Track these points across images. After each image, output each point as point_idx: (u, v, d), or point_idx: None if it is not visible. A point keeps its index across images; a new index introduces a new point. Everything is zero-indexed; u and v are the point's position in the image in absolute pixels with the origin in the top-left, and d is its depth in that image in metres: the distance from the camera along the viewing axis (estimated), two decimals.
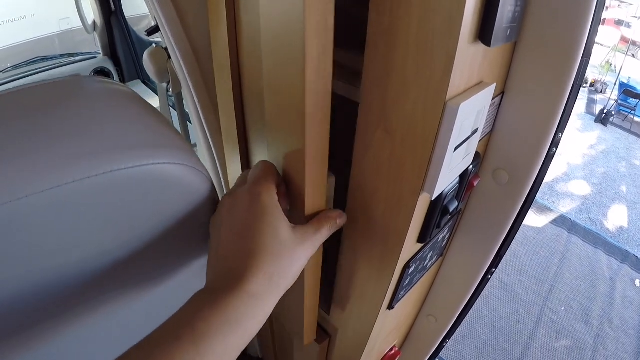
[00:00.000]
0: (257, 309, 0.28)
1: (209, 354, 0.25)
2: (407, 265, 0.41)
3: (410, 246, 0.39)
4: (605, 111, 5.90)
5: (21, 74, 1.73)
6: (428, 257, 0.46)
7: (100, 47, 1.88)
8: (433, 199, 0.32)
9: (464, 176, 0.37)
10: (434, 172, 0.30)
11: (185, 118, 1.07)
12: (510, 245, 0.47)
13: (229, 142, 0.52)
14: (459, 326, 0.63)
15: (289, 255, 0.31)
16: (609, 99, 6.45)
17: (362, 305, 0.49)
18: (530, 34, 0.32)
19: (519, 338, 2.30)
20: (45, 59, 1.84)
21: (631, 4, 9.19)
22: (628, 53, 7.80)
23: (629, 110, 5.92)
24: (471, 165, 0.36)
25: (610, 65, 8.02)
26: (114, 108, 0.34)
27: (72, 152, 0.27)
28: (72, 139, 0.28)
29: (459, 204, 0.38)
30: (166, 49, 0.88)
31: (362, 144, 0.36)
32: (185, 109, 1.01)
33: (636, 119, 5.88)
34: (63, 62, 1.81)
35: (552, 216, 3.46)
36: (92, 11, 1.78)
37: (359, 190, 0.39)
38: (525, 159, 0.38)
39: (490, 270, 0.51)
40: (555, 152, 0.37)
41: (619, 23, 9.23)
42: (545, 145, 0.36)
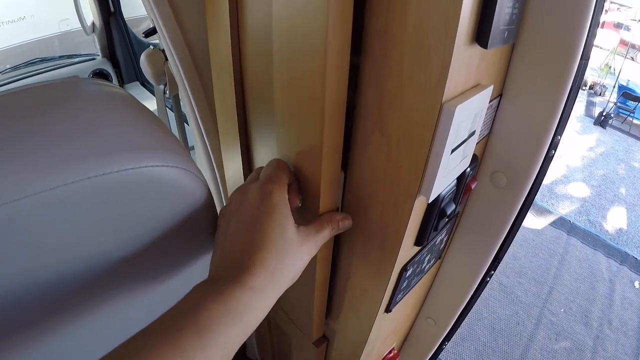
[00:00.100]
0: (259, 302, 0.29)
1: (211, 345, 0.25)
2: (405, 268, 0.41)
3: (407, 249, 0.38)
4: (604, 113, 5.90)
5: (20, 75, 1.72)
6: (426, 260, 0.46)
7: (99, 49, 1.88)
8: (430, 201, 0.32)
9: (461, 179, 0.37)
10: (431, 175, 0.30)
11: (183, 120, 1.07)
12: (509, 247, 0.47)
13: (227, 144, 0.52)
14: (458, 328, 0.63)
15: (293, 253, 0.31)
16: (608, 101, 6.47)
17: (360, 309, 0.48)
18: (528, 36, 0.32)
19: (519, 340, 2.29)
20: (44, 60, 1.83)
21: (630, 7, 9.23)
22: (627, 56, 7.83)
23: (628, 113, 5.94)
24: (469, 168, 0.36)
25: (610, 67, 8.04)
26: (109, 111, 0.34)
27: (66, 155, 0.27)
28: (66, 142, 0.28)
29: (456, 207, 0.38)
30: (163, 50, 0.88)
31: (359, 146, 0.35)
32: (183, 110, 1.00)
33: (635, 122, 5.89)
34: (62, 64, 1.80)
35: (552, 218, 3.46)
36: (91, 12, 1.78)
37: (355, 192, 0.39)
38: (523, 162, 0.38)
39: (489, 273, 0.51)
40: (553, 155, 0.37)
41: (618, 26, 9.26)
42: (544, 147, 0.35)
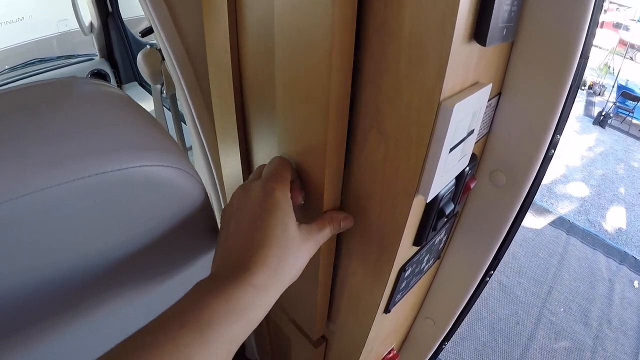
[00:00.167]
0: (260, 300, 0.29)
1: (212, 343, 0.25)
2: (403, 269, 0.40)
3: (405, 249, 0.38)
4: (603, 113, 5.91)
5: (18, 75, 1.72)
6: (424, 260, 0.45)
7: (97, 49, 1.87)
8: (428, 201, 0.32)
9: (460, 178, 0.36)
10: (429, 174, 0.29)
11: (180, 119, 1.06)
12: (508, 247, 0.46)
13: (224, 143, 0.51)
14: (458, 328, 0.62)
15: (295, 251, 0.31)
16: (607, 101, 6.47)
17: (358, 309, 0.48)
18: (527, 34, 0.31)
19: (518, 339, 2.29)
20: (42, 60, 1.83)
21: (630, 7, 9.24)
22: (626, 56, 7.83)
23: (627, 113, 5.94)
24: (467, 167, 0.36)
25: (609, 67, 8.04)
26: (105, 110, 0.34)
27: (61, 154, 0.27)
28: (61, 141, 0.28)
29: (455, 206, 0.38)
30: (160, 50, 0.88)
31: (356, 145, 0.35)
32: (180, 110, 1.00)
33: (634, 121, 5.89)
34: (60, 64, 1.80)
35: (551, 218, 3.46)
36: (89, 13, 1.77)
37: (353, 192, 0.38)
38: (523, 161, 0.37)
39: (488, 273, 0.50)
40: (553, 154, 0.37)
41: (618, 26, 9.27)
42: (543, 147, 0.35)
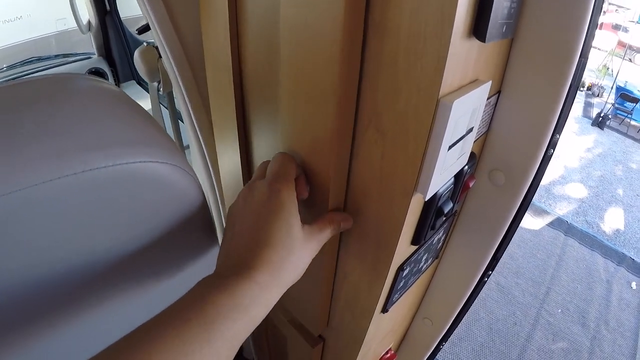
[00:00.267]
0: (264, 298, 0.29)
1: (217, 338, 0.25)
2: (401, 268, 0.40)
3: (403, 248, 0.38)
4: (602, 114, 5.92)
5: (16, 74, 1.72)
6: (423, 260, 0.45)
7: (95, 48, 1.87)
8: (426, 199, 0.32)
9: (459, 177, 0.36)
10: (427, 172, 0.29)
11: (177, 117, 1.06)
12: (507, 247, 0.46)
13: (222, 140, 0.51)
14: (456, 328, 0.62)
15: (298, 251, 0.32)
16: (606, 102, 6.48)
17: (356, 309, 0.48)
18: (527, 32, 0.31)
19: (516, 340, 2.29)
20: (40, 59, 1.83)
21: (629, 9, 9.26)
22: (625, 57, 7.85)
23: (626, 114, 5.96)
24: (466, 166, 0.36)
25: (608, 69, 8.06)
26: (99, 106, 0.33)
27: (54, 150, 0.26)
28: (55, 136, 0.28)
29: (454, 205, 0.37)
30: (157, 47, 0.87)
31: (354, 143, 0.35)
32: (177, 108, 1.00)
33: (633, 123, 5.91)
34: (58, 63, 1.79)
35: (549, 219, 3.46)
36: (87, 11, 1.77)
37: (350, 190, 0.38)
38: (522, 160, 0.37)
39: (486, 273, 0.50)
40: (552, 154, 0.36)
41: (617, 27, 9.29)
42: (543, 146, 0.35)
